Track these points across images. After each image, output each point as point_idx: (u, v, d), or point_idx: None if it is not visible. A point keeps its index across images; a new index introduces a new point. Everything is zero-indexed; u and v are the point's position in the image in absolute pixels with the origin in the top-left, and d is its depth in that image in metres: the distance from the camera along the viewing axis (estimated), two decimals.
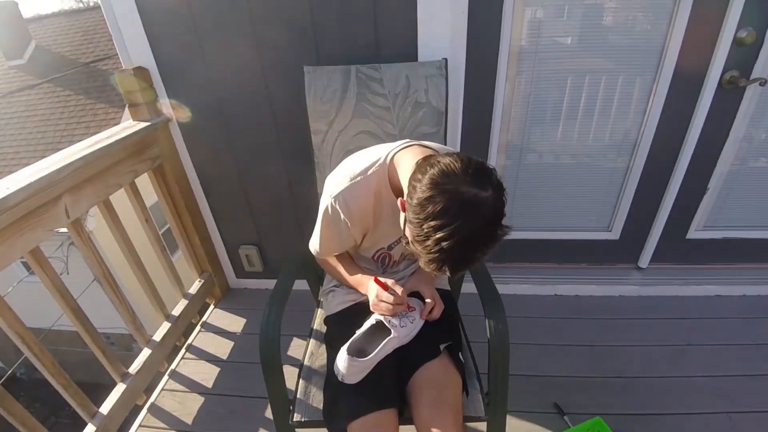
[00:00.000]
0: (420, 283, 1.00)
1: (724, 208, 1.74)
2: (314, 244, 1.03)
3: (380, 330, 0.92)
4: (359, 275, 1.01)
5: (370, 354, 0.87)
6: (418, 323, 0.95)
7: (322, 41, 1.38)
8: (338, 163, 0.98)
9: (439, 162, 0.70)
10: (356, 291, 1.08)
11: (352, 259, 1.09)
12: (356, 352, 0.88)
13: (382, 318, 0.93)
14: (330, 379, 0.96)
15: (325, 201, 0.91)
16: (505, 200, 0.70)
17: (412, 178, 0.73)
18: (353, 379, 0.88)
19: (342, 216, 0.89)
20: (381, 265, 1.08)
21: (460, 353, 0.99)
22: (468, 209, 0.66)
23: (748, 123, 1.53)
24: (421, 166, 0.73)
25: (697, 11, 1.32)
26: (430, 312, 0.96)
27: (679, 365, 1.51)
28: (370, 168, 0.88)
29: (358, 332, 0.93)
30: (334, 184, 0.90)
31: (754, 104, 1.49)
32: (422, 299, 0.99)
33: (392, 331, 0.90)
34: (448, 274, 0.72)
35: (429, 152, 0.84)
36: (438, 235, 0.66)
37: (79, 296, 1.36)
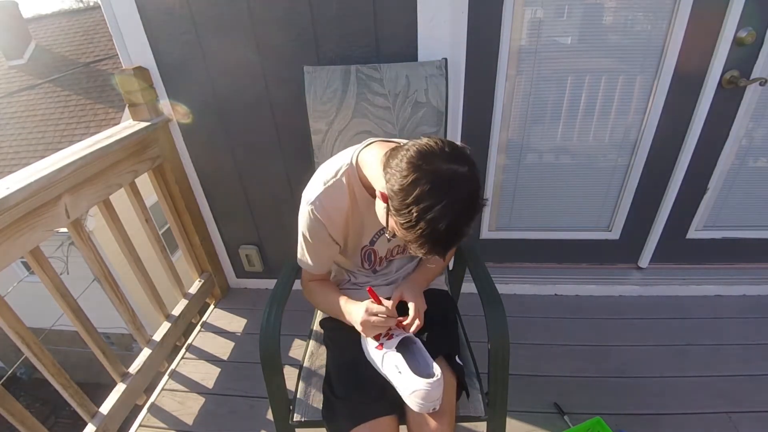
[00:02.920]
0: (407, 291, 0.98)
1: (724, 208, 1.74)
2: (304, 260, 1.00)
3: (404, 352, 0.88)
4: (344, 300, 0.98)
5: (433, 371, 0.84)
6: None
7: (322, 41, 1.38)
8: None
9: (413, 146, 0.72)
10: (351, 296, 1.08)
11: (335, 287, 1.07)
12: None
13: (386, 352, 0.88)
14: (328, 384, 0.96)
15: (304, 210, 0.91)
16: (478, 171, 0.74)
17: (387, 166, 0.75)
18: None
19: (322, 220, 0.90)
20: (368, 263, 1.06)
21: (457, 356, 0.98)
22: (453, 185, 0.69)
23: (748, 123, 1.53)
24: (394, 153, 0.75)
25: (697, 11, 1.32)
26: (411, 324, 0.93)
27: (679, 365, 1.51)
28: (339, 170, 0.90)
29: (397, 373, 0.85)
30: (309, 192, 0.91)
31: (754, 104, 1.49)
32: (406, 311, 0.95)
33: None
34: (438, 256, 0.74)
35: (393, 144, 0.86)
36: (429, 216, 0.67)
37: (79, 296, 1.36)
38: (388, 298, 0.97)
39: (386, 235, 0.81)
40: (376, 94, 1.27)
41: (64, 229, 1.22)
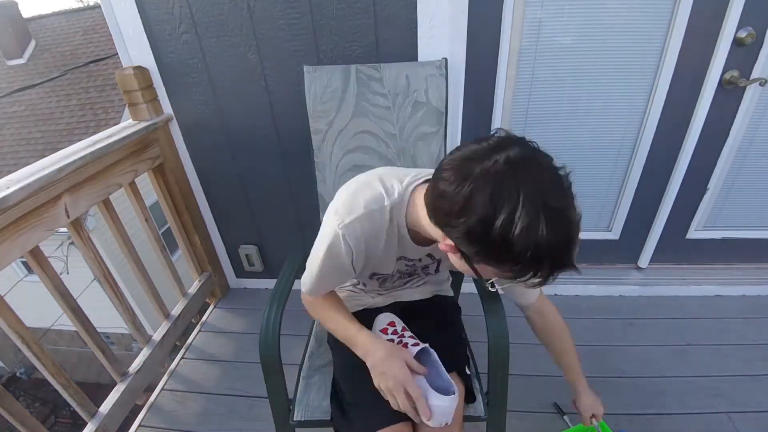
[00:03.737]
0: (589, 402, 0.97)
1: (724, 208, 1.74)
2: (308, 281, 0.88)
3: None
4: (354, 330, 0.84)
5: (451, 388, 0.79)
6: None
7: (322, 41, 1.38)
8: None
9: (445, 161, 0.59)
10: (355, 298, 1.07)
11: (341, 303, 0.94)
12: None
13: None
14: (337, 389, 0.95)
15: (332, 229, 0.75)
16: (530, 140, 0.59)
17: (433, 207, 0.61)
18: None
19: (351, 246, 0.76)
20: (378, 282, 0.99)
21: (466, 367, 0.96)
22: (514, 175, 0.53)
23: (748, 123, 1.53)
24: (429, 189, 0.63)
25: (697, 11, 1.32)
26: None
27: (679, 365, 1.51)
28: (388, 198, 0.75)
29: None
30: (345, 210, 0.75)
31: (754, 104, 1.49)
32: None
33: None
34: (565, 267, 0.57)
35: None
36: (519, 228, 0.51)
37: (79, 296, 1.35)
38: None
39: (496, 287, 0.67)
40: (376, 94, 1.27)
41: (64, 229, 1.22)
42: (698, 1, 1.31)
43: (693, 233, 1.81)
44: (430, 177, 0.69)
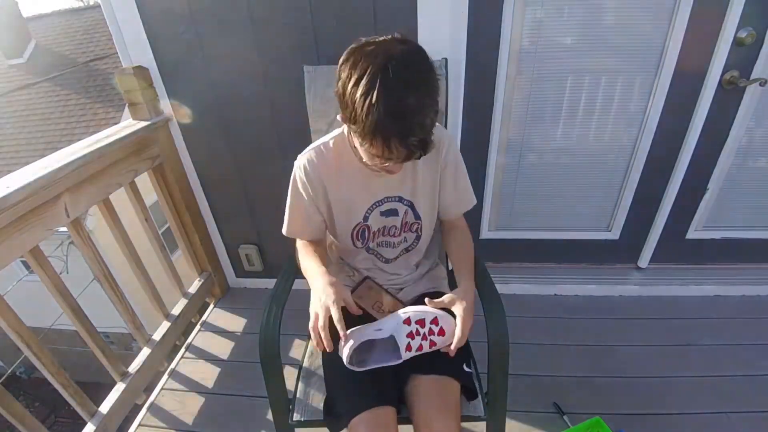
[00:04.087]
0: (459, 305, 0.87)
1: (724, 208, 1.74)
2: (286, 224, 1.03)
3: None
4: (316, 266, 0.92)
5: (369, 364, 0.84)
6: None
7: (322, 41, 1.38)
8: None
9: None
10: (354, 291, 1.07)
11: (318, 253, 1.01)
12: (362, 351, 0.84)
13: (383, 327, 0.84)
14: (329, 379, 0.96)
15: (293, 174, 0.95)
16: (423, 51, 0.70)
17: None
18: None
19: (304, 179, 0.93)
20: (362, 241, 1.03)
21: (465, 365, 0.95)
22: (376, 52, 0.67)
23: (748, 123, 1.53)
24: None
25: (697, 11, 1.32)
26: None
27: (679, 365, 1.51)
28: (331, 138, 0.94)
29: (369, 332, 0.84)
30: (299, 157, 0.95)
31: (754, 104, 1.49)
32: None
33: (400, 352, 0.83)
34: (401, 149, 0.69)
35: None
36: (359, 92, 0.65)
37: (79, 295, 1.35)
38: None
39: (363, 161, 0.81)
40: None
41: (64, 229, 1.22)
42: (698, 1, 1.31)
43: (693, 233, 1.81)
44: None
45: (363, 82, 0.65)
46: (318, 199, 0.96)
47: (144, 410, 1.46)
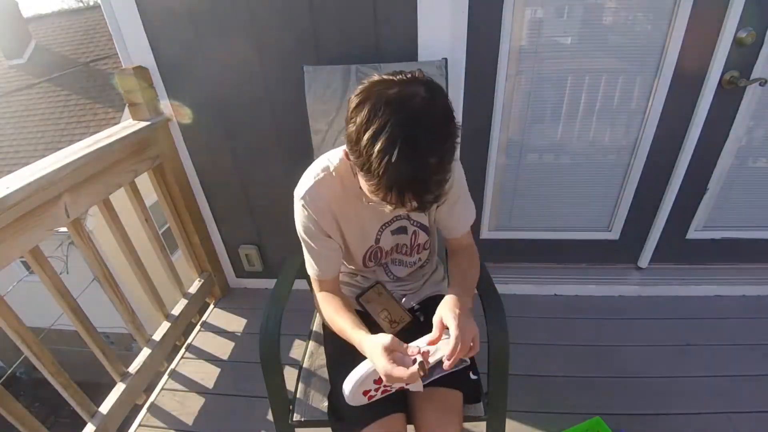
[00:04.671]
0: (446, 312, 0.79)
1: (724, 208, 1.74)
2: (308, 266, 0.95)
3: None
4: (357, 335, 0.83)
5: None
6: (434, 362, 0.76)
7: (322, 41, 1.38)
8: None
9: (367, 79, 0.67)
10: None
11: (351, 303, 0.98)
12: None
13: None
14: (336, 383, 0.95)
15: (296, 208, 0.88)
16: (447, 97, 0.64)
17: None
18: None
19: (313, 214, 0.86)
20: (374, 260, 1.02)
21: (471, 372, 0.95)
22: (397, 106, 0.60)
23: (748, 123, 1.53)
24: None
25: (697, 11, 1.32)
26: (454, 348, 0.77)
27: (679, 365, 1.51)
28: (330, 164, 0.87)
29: (368, 366, 0.78)
30: (299, 188, 0.88)
31: (754, 104, 1.49)
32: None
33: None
34: (414, 204, 0.64)
35: None
36: (377, 147, 0.59)
37: (79, 296, 1.35)
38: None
39: (363, 201, 0.73)
40: None
41: (64, 229, 1.22)
42: (698, 1, 1.31)
43: (693, 233, 1.81)
44: None
45: (382, 138, 0.59)
46: (332, 230, 0.90)
47: (144, 410, 1.46)
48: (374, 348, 0.75)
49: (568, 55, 1.47)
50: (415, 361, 0.73)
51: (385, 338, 0.75)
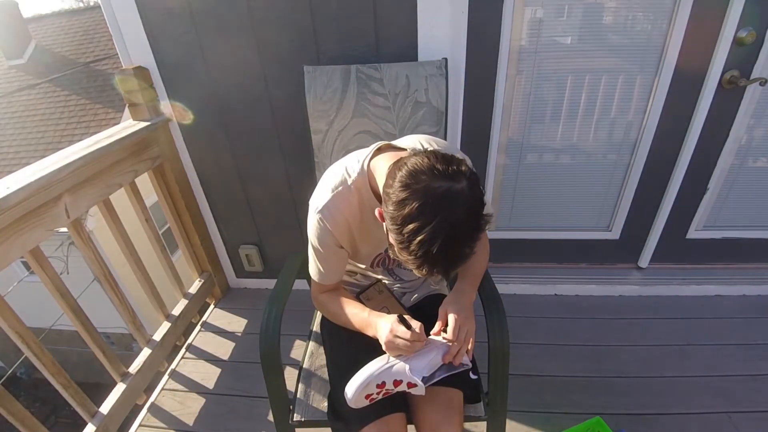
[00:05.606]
0: (451, 306, 0.86)
1: (723, 208, 1.74)
2: (316, 271, 0.95)
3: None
4: (366, 314, 0.90)
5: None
6: (436, 364, 0.81)
7: (322, 41, 1.38)
8: None
9: (406, 164, 0.69)
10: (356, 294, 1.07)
11: (354, 298, 1.00)
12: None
13: (397, 361, 0.82)
14: (336, 382, 0.95)
15: (312, 219, 0.88)
16: (481, 188, 0.69)
17: (385, 186, 0.72)
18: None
19: (330, 228, 0.86)
20: (382, 267, 1.04)
21: (471, 372, 0.94)
22: (443, 204, 0.64)
23: (748, 123, 1.53)
24: (392, 172, 0.72)
25: (697, 11, 1.32)
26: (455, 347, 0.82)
27: (679, 365, 1.51)
28: (348, 176, 0.86)
29: (372, 370, 0.81)
30: (317, 199, 0.88)
31: (755, 104, 1.49)
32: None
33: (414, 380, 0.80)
34: (440, 276, 0.70)
35: (401, 154, 0.81)
36: (419, 238, 0.64)
37: (79, 296, 1.36)
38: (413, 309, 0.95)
39: (390, 253, 0.78)
40: (376, 94, 1.27)
41: (64, 229, 1.22)
42: (698, 1, 1.31)
43: (693, 233, 1.81)
44: (382, 144, 0.88)
45: (426, 232, 0.64)
46: (344, 242, 0.91)
47: (144, 411, 1.46)
48: (384, 321, 0.83)
49: (568, 54, 1.47)
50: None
51: (394, 316, 0.83)
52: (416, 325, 0.80)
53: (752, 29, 1.34)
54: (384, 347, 0.82)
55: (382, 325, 0.83)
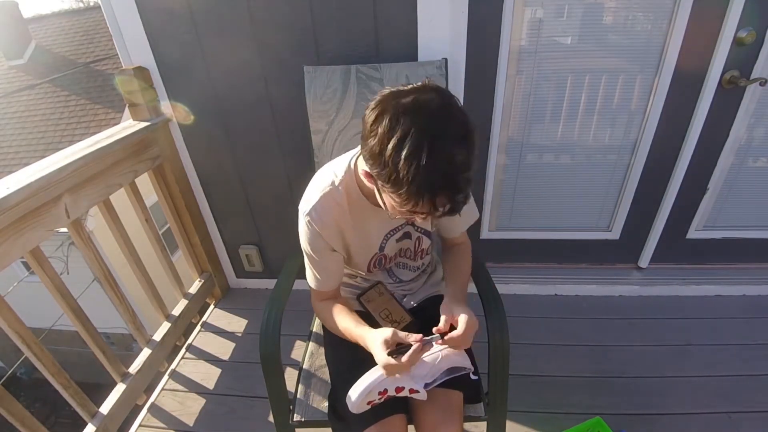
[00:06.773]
0: (455, 307, 0.84)
1: (724, 208, 1.74)
2: (312, 277, 0.95)
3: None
4: (359, 331, 0.87)
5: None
6: (438, 371, 0.82)
7: (322, 41, 1.38)
8: None
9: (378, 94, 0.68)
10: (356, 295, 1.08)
11: (352, 311, 0.97)
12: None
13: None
14: (337, 383, 0.95)
15: (301, 223, 0.87)
16: (457, 98, 0.66)
17: (362, 138, 0.70)
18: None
19: (319, 230, 0.85)
20: (379, 266, 1.03)
21: (471, 373, 0.93)
22: (415, 110, 0.62)
23: (748, 123, 1.53)
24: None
25: (697, 11, 1.32)
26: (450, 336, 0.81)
27: (679, 365, 1.51)
28: (336, 177, 0.85)
29: (374, 377, 0.80)
30: (305, 202, 0.87)
31: (755, 104, 1.49)
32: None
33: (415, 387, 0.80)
34: (447, 206, 0.65)
35: None
36: (404, 153, 0.60)
37: (79, 296, 1.36)
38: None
39: (390, 214, 0.73)
40: (376, 94, 1.26)
41: (64, 229, 1.22)
42: (698, 1, 1.31)
43: (693, 233, 1.81)
44: None
45: (408, 144, 0.60)
46: (336, 244, 0.90)
47: (144, 411, 1.46)
48: (375, 342, 0.79)
49: (568, 54, 1.47)
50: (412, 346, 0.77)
51: (386, 332, 0.79)
52: (414, 338, 0.77)
53: (752, 29, 1.34)
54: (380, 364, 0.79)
55: (375, 352, 0.79)
